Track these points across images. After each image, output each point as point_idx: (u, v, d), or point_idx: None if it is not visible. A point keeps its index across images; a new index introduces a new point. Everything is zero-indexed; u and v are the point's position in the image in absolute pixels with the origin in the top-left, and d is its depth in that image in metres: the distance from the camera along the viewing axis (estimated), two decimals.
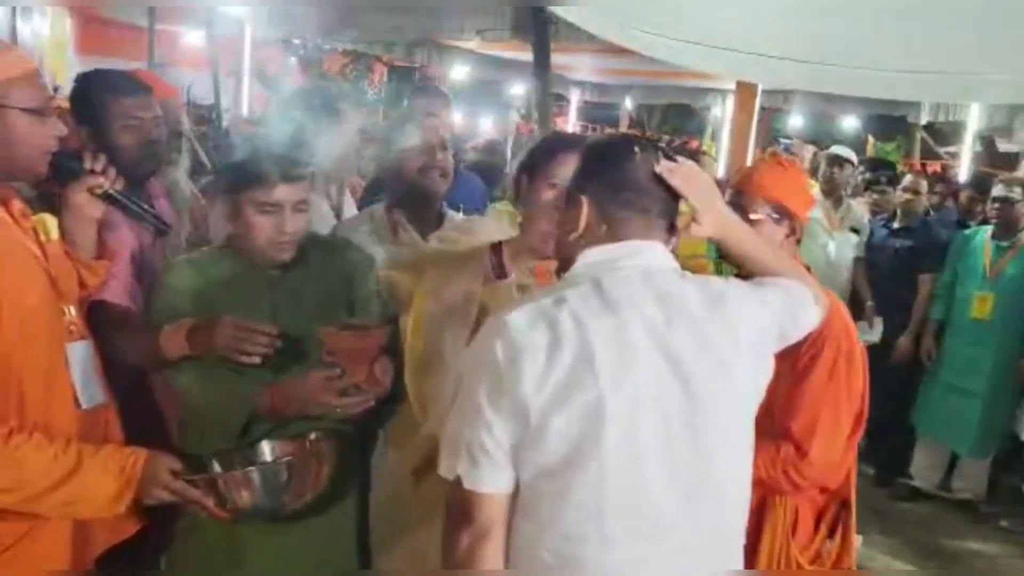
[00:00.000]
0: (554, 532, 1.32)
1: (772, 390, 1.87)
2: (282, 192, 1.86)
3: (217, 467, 1.75)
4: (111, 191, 1.84)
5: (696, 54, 4.73)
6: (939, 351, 4.52)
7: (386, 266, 1.95)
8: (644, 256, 1.39)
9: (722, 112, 12.73)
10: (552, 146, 1.92)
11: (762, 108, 10.18)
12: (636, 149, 1.41)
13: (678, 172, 1.41)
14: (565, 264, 1.45)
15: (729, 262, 1.71)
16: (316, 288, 1.96)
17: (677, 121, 16.14)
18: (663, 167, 1.39)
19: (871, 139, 14.19)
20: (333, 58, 8.90)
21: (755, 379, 1.42)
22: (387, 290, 1.97)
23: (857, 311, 4.80)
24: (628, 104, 12.06)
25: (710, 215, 1.46)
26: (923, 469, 4.81)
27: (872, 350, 4.58)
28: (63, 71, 8.81)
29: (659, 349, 1.31)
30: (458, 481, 1.33)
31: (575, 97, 10.92)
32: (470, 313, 1.79)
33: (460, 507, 1.34)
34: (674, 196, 1.42)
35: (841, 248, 4.71)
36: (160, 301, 1.93)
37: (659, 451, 1.31)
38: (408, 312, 1.87)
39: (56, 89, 8.39)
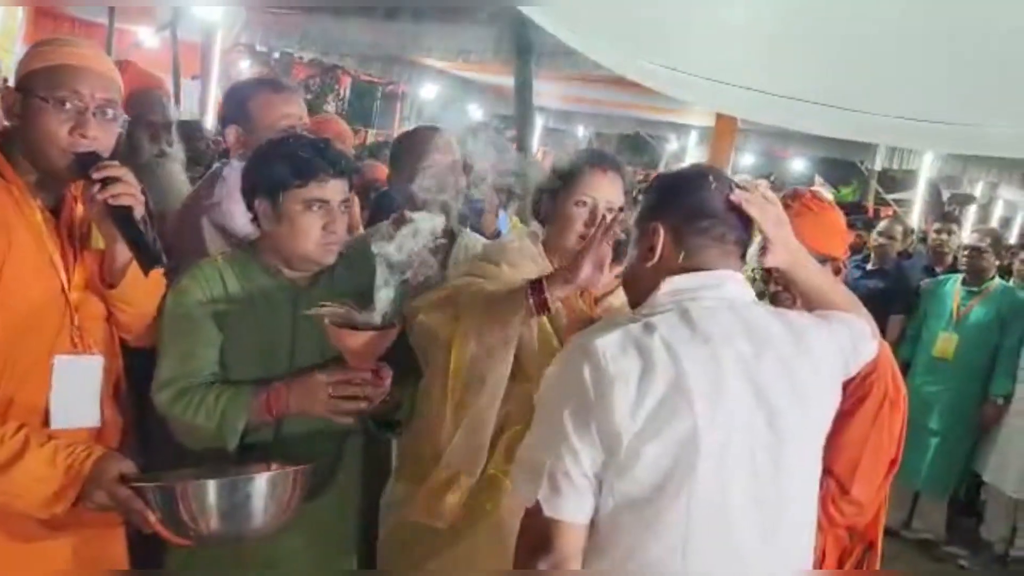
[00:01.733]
0: (635, 565, 1.27)
1: None
2: (333, 188, 1.75)
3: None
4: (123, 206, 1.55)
5: (673, 81, 4.79)
6: None
7: (419, 309, 1.85)
8: (727, 286, 1.38)
9: (679, 146, 13.03)
10: (584, 162, 1.91)
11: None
12: (711, 178, 1.41)
13: (754, 201, 1.40)
14: (638, 293, 1.42)
15: (791, 292, 1.71)
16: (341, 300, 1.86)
17: (629, 153, 16.46)
18: (739, 195, 1.39)
19: (817, 179, 14.68)
20: (298, 67, 8.75)
21: (828, 413, 1.42)
22: (423, 336, 1.86)
23: None
24: (580, 132, 12.25)
25: (781, 245, 1.46)
26: (889, 507, 4.89)
27: None
28: (7, 59, 8.47)
29: (748, 381, 1.30)
30: (537, 508, 1.27)
31: (539, 123, 11.01)
32: (509, 354, 1.73)
33: (538, 535, 1.28)
34: (747, 225, 1.41)
35: None
36: (174, 307, 1.77)
37: (745, 485, 1.28)
38: (443, 351, 1.79)
39: (4, 80, 8.08)
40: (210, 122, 5.87)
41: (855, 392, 1.88)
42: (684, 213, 1.39)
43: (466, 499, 1.78)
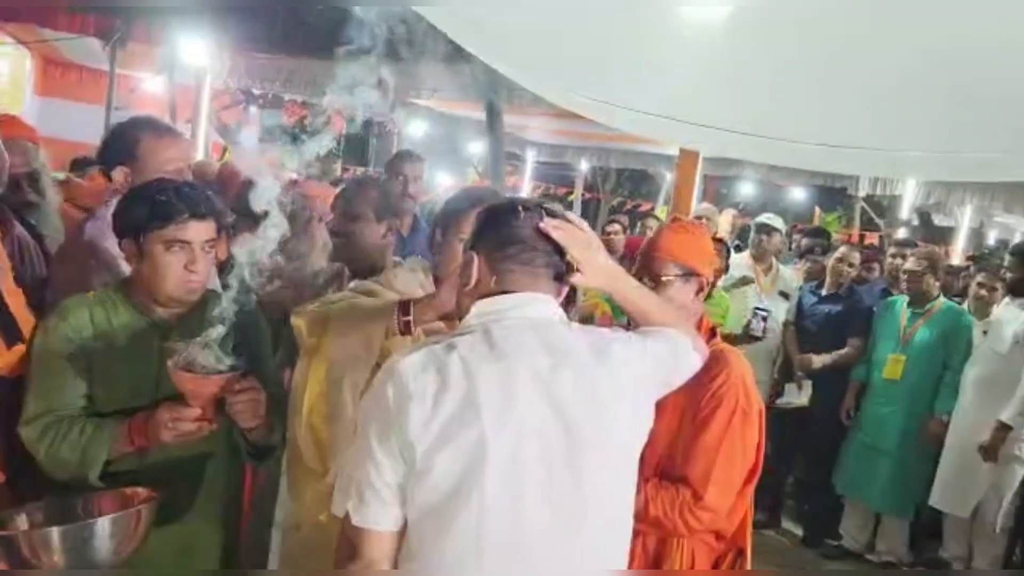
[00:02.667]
0: (437, 568, 1.38)
1: (675, 438, 2.01)
2: (193, 229, 1.85)
3: (24, 523, 1.67)
4: None
5: (632, 120, 4.94)
6: (857, 413, 4.76)
7: (295, 313, 1.99)
8: (532, 307, 1.50)
9: (672, 179, 13.10)
10: (467, 203, 2.03)
11: (706, 176, 10.60)
12: (520, 209, 1.54)
13: (561, 228, 1.53)
14: (462, 314, 1.55)
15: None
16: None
17: (631, 185, 16.57)
18: (546, 224, 1.52)
19: (818, 210, 14.71)
20: (292, 108, 9.03)
21: (636, 423, 1.52)
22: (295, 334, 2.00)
23: (788, 374, 4.99)
24: (583, 166, 12.36)
25: (591, 267, 1.57)
26: (851, 529, 4.93)
27: (801, 413, 4.82)
28: (17, 110, 8.82)
29: (542, 393, 1.41)
30: (348, 517, 1.40)
31: (530, 157, 11.17)
32: (370, 363, 1.85)
33: (349, 543, 1.41)
34: (560, 251, 1.53)
35: (770, 313, 4.90)
36: (43, 344, 1.87)
37: (539, 490, 1.39)
38: (307, 358, 1.92)
39: None
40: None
41: (707, 404, 2.00)
42: (494, 242, 1.52)
43: None
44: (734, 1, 2.55)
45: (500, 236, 1.52)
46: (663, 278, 2.05)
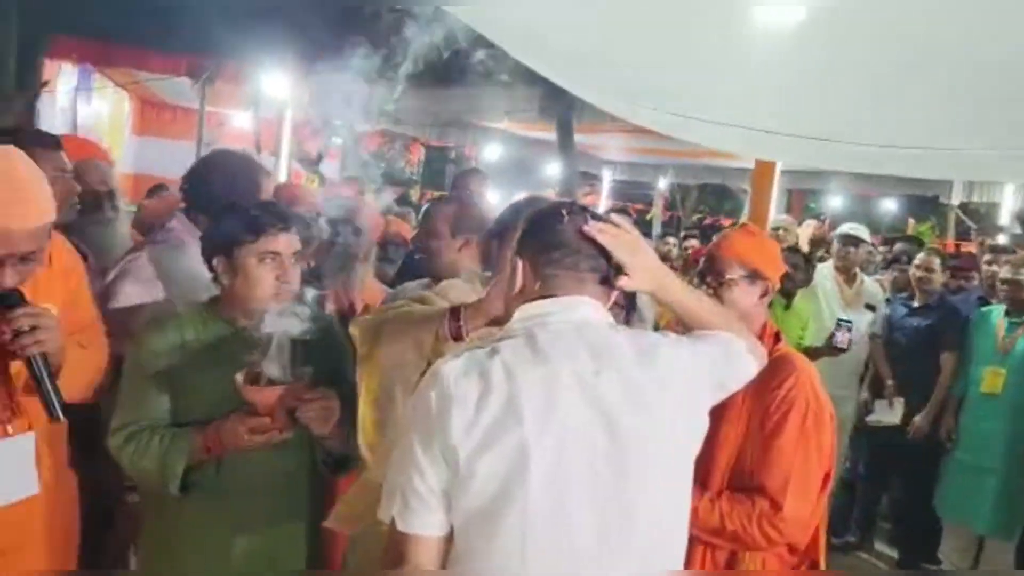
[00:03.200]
0: (484, 572, 1.36)
1: (744, 448, 1.95)
2: (283, 241, 1.94)
3: None
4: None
5: (706, 131, 4.86)
6: (956, 430, 4.48)
7: (352, 322, 2.02)
8: (576, 311, 1.47)
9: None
10: (515, 215, 2.02)
11: (788, 190, 10.32)
12: (563, 213, 1.52)
13: (605, 231, 1.50)
14: (507, 319, 1.54)
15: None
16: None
17: (712, 201, 16.30)
18: (590, 227, 1.49)
19: (911, 220, 14.14)
20: (371, 138, 9.27)
21: (687, 428, 1.47)
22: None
23: (877, 390, 4.76)
24: (662, 184, 12.23)
25: (638, 270, 1.53)
26: (951, 553, 4.65)
27: (893, 431, 4.59)
28: (118, 150, 9.36)
29: (586, 397, 1.38)
30: (393, 522, 1.40)
31: (607, 176, 11.12)
32: (420, 368, 1.86)
33: (395, 548, 1.41)
34: (606, 255, 1.50)
35: (854, 325, 4.70)
36: (133, 356, 1.95)
37: (585, 494, 1.36)
38: (361, 367, 1.94)
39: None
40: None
41: (777, 409, 1.93)
42: (538, 246, 1.51)
43: None
44: (809, 3, 2.45)
45: (544, 240, 1.51)
46: (727, 277, 2.02)
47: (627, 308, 2.36)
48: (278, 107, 7.61)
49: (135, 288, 2.27)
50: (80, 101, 8.79)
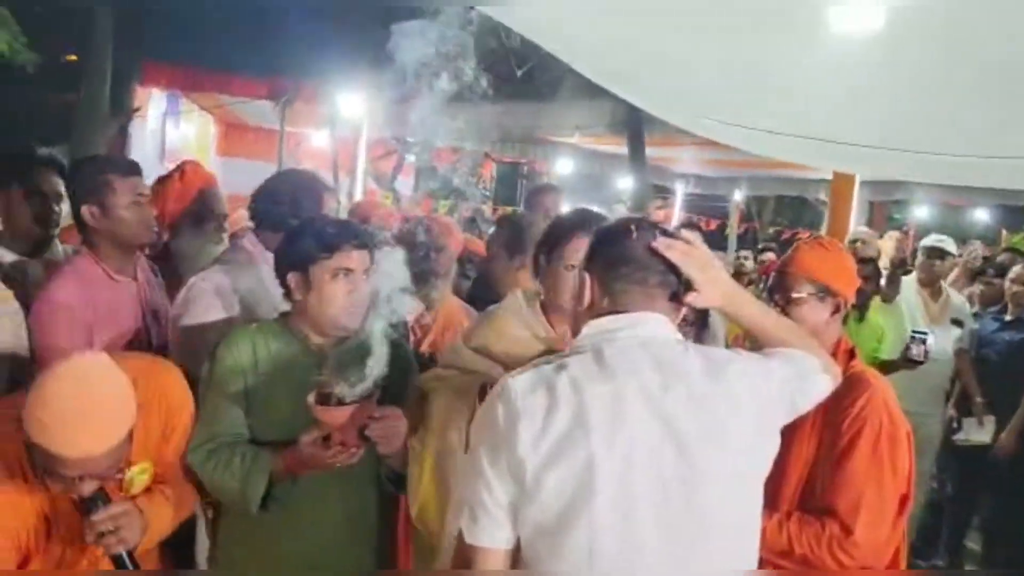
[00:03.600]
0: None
1: (815, 468, 1.89)
2: (355, 258, 1.96)
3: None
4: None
5: (778, 144, 4.75)
6: None
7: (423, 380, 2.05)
8: (645, 326, 1.46)
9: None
10: (568, 229, 2.01)
11: (870, 201, 9.97)
12: (632, 228, 1.51)
13: (675, 247, 1.49)
14: (575, 334, 1.54)
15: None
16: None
17: (790, 213, 15.91)
18: (659, 243, 1.48)
19: (1004, 231, 13.51)
20: (444, 154, 9.41)
21: (757, 445, 1.44)
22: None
23: (965, 408, 4.55)
24: (737, 196, 12.01)
25: (707, 286, 1.51)
26: None
27: (984, 450, 4.36)
28: None
29: (653, 412, 1.36)
30: (461, 535, 1.42)
31: (680, 189, 10.99)
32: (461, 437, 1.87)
33: (463, 561, 1.42)
34: (675, 271, 1.49)
35: (939, 340, 4.50)
36: (209, 373, 1.99)
37: (652, 509, 1.34)
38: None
39: None
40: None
41: (849, 428, 1.86)
42: (607, 261, 1.51)
43: None
44: (887, 9, 2.36)
45: (612, 256, 1.51)
46: (794, 295, 1.96)
47: (698, 325, 2.32)
48: (354, 126, 7.80)
49: (208, 306, 2.34)
50: (169, 124, 9.20)
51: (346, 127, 8.23)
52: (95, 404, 1.58)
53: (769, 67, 3.21)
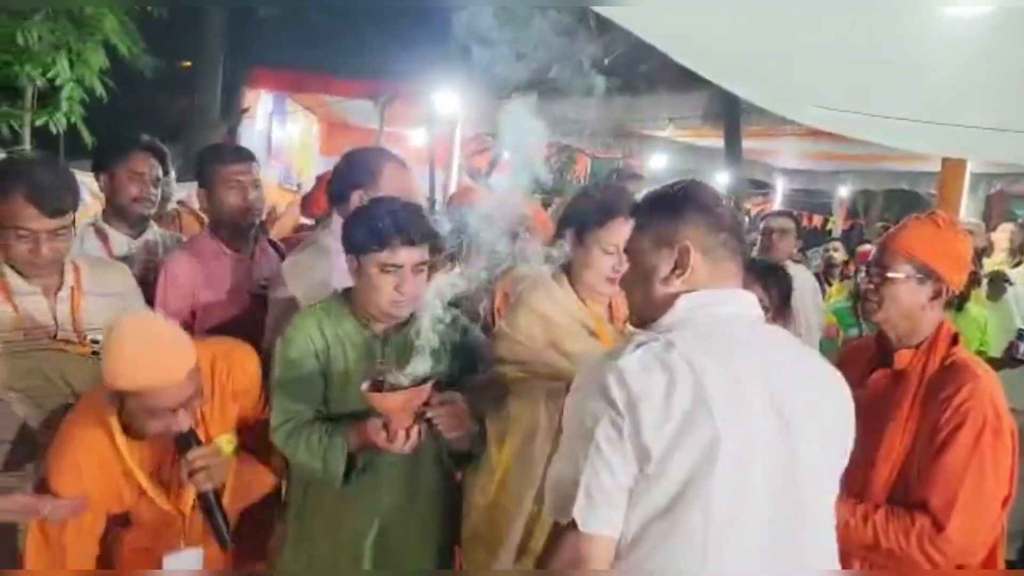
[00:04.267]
0: (656, 569, 1.31)
1: (908, 462, 1.80)
2: (404, 254, 1.95)
3: None
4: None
5: (890, 130, 4.55)
6: None
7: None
8: (739, 302, 1.41)
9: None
10: (606, 211, 1.97)
11: (987, 195, 9.40)
12: (717, 192, 1.46)
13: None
14: (651, 312, 1.45)
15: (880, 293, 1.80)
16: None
17: (899, 209, 15.13)
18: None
19: None
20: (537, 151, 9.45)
21: (840, 436, 1.40)
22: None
23: None
24: (843, 192, 11.55)
25: None
26: None
27: None
28: (307, 170, 10.12)
29: (763, 391, 1.32)
30: (572, 524, 1.31)
31: (780, 185, 10.65)
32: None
33: (573, 551, 1.32)
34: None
35: None
36: (282, 355, 2.04)
37: (762, 488, 1.31)
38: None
39: (299, 185, 9.65)
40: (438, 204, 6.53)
41: (949, 421, 1.77)
42: (707, 228, 1.41)
43: None
44: None
45: (709, 222, 1.41)
46: (889, 275, 1.84)
47: (774, 310, 2.24)
48: (449, 123, 7.92)
49: (295, 283, 2.40)
50: (275, 124, 9.58)
51: (442, 125, 8.37)
52: (155, 338, 1.78)
53: (881, 48, 3.08)
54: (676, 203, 1.45)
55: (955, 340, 1.88)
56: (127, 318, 1.83)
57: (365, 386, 1.80)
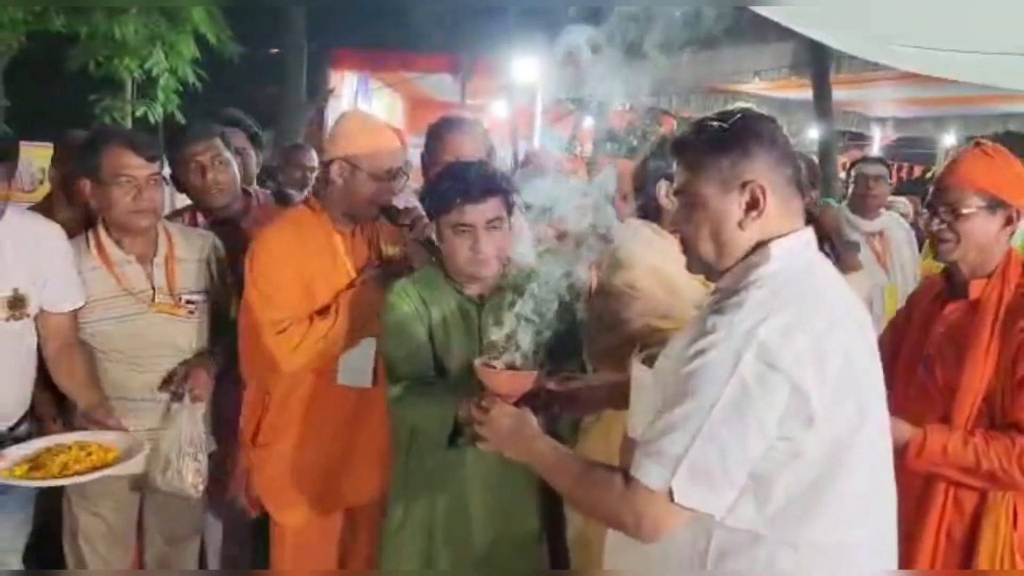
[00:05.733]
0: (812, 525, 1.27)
1: (994, 391, 1.77)
2: (471, 213, 1.95)
3: None
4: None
5: (990, 67, 4.29)
6: None
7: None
8: (813, 243, 1.35)
9: None
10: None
11: None
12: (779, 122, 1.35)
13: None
14: (727, 258, 1.35)
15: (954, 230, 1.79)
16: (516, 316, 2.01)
17: (1018, 151, 14.21)
18: None
19: None
20: (621, 115, 9.32)
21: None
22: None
23: None
24: (948, 140, 10.95)
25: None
26: None
27: None
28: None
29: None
30: (664, 492, 1.23)
31: (877, 135, 10.19)
32: None
33: (649, 516, 1.25)
34: None
35: None
36: (389, 321, 2.06)
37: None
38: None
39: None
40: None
41: None
42: (773, 163, 1.30)
43: None
44: None
45: (774, 156, 1.31)
46: (964, 211, 1.79)
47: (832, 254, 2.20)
48: (529, 91, 7.93)
49: None
50: (361, 103, 9.81)
51: (523, 93, 8.39)
52: (368, 118, 2.31)
53: None
54: (739, 139, 1.33)
55: None
56: (351, 111, 2.21)
57: (478, 363, 1.74)
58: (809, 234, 1.34)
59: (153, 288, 2.23)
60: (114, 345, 2.21)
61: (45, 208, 2.57)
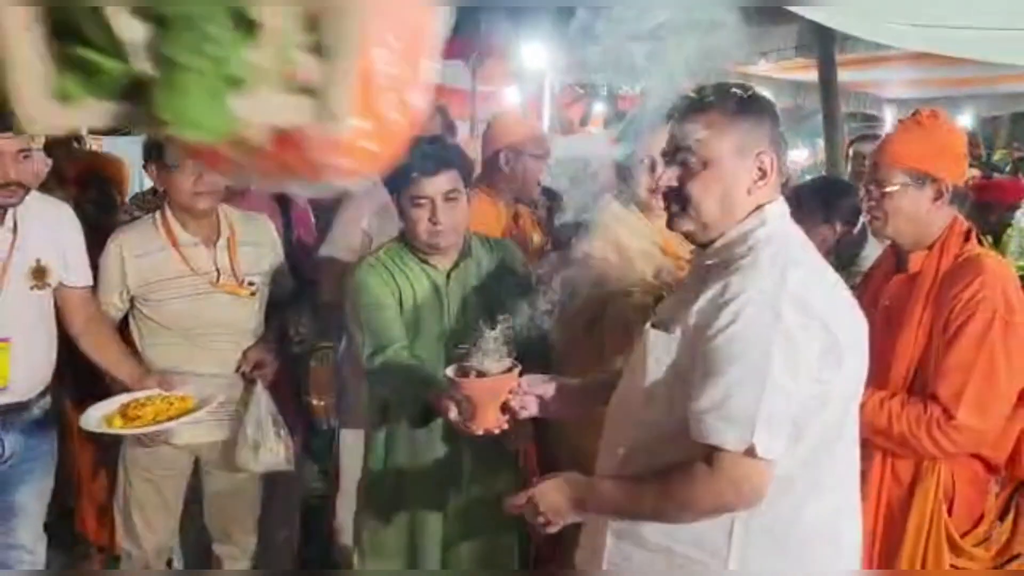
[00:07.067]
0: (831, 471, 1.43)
1: (923, 356, 1.86)
2: (428, 185, 2.05)
3: None
4: None
5: (1004, 45, 4.25)
6: None
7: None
8: (787, 212, 1.54)
9: None
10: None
11: None
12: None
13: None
14: (730, 221, 1.45)
15: None
16: (481, 286, 2.12)
17: None
18: None
19: None
20: (629, 98, 9.34)
21: None
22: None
23: None
24: (963, 121, 10.80)
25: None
26: None
27: None
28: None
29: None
30: (745, 453, 1.32)
31: (889, 118, 10.08)
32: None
33: (742, 478, 1.33)
34: None
35: None
36: (358, 295, 2.14)
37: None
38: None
39: None
40: None
41: (958, 316, 1.83)
42: (776, 134, 1.53)
43: None
44: None
45: (777, 128, 1.49)
46: (887, 189, 1.88)
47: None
48: (539, 76, 7.96)
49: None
50: None
51: (532, 78, 8.42)
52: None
53: None
54: (762, 108, 1.47)
55: (967, 236, 1.91)
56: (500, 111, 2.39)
57: (450, 372, 1.75)
58: (784, 203, 1.49)
59: (217, 269, 2.39)
60: (181, 323, 2.38)
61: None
